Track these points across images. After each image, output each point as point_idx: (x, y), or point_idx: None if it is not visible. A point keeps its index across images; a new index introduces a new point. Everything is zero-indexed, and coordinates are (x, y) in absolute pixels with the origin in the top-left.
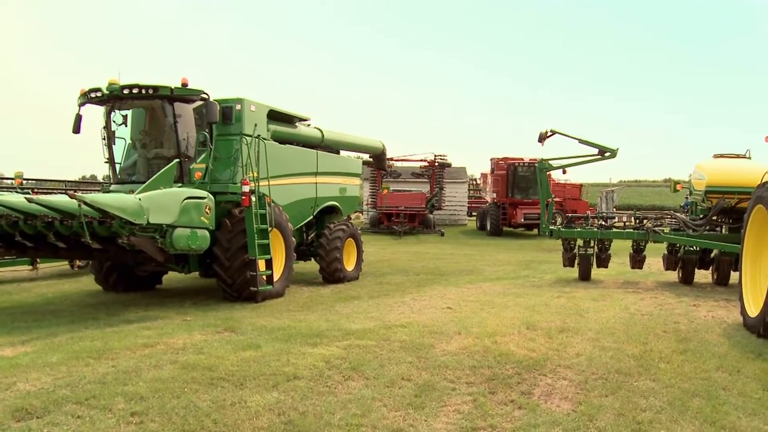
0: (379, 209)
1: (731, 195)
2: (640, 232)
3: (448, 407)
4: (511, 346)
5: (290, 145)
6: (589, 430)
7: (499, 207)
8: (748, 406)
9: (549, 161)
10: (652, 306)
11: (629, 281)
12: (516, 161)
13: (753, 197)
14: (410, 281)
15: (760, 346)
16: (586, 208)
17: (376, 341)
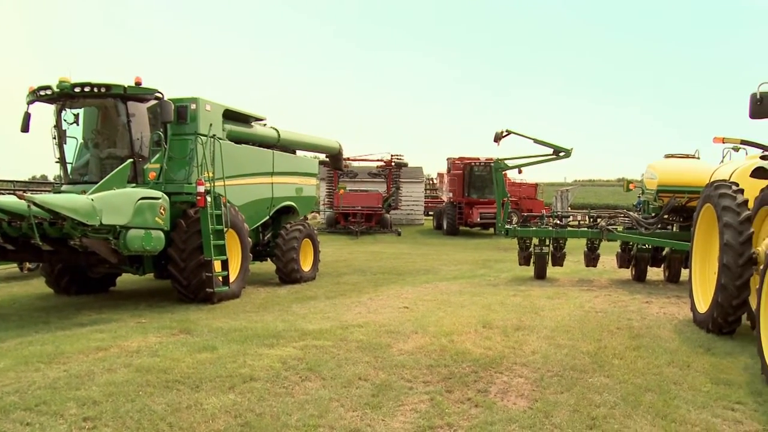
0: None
1: (681, 194)
2: (594, 231)
3: (405, 406)
4: (467, 344)
5: (246, 145)
6: (545, 427)
7: (455, 206)
8: (697, 400)
9: (505, 161)
10: (606, 303)
11: (584, 279)
12: (472, 161)
13: (702, 196)
14: (367, 281)
15: (709, 341)
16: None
17: (333, 341)
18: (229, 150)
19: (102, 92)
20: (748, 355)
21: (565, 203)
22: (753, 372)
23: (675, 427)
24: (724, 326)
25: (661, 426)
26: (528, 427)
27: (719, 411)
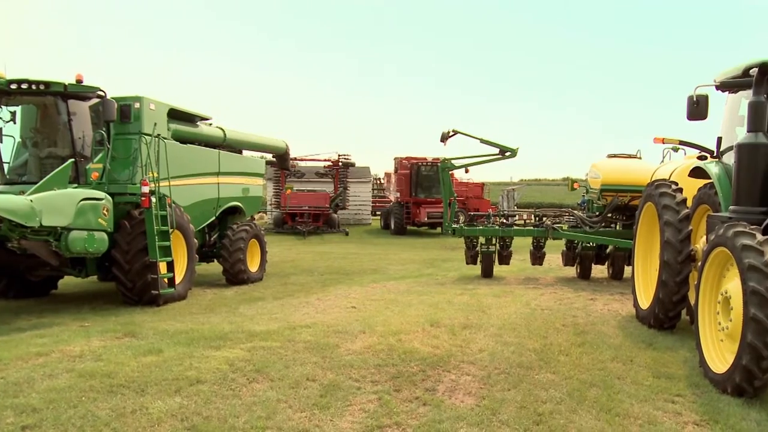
0: (282, 209)
1: (624, 193)
2: (540, 230)
3: (353, 406)
4: (415, 343)
5: (192, 145)
6: (492, 424)
7: (402, 206)
8: (640, 393)
9: (451, 161)
10: (552, 301)
11: (530, 277)
12: (419, 161)
13: (643, 195)
14: (315, 281)
15: (651, 337)
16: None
17: (281, 342)
18: (174, 150)
19: (40, 89)
20: (687, 349)
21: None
22: (692, 365)
23: (619, 421)
24: (665, 321)
25: (605, 420)
26: (475, 425)
27: (660, 404)
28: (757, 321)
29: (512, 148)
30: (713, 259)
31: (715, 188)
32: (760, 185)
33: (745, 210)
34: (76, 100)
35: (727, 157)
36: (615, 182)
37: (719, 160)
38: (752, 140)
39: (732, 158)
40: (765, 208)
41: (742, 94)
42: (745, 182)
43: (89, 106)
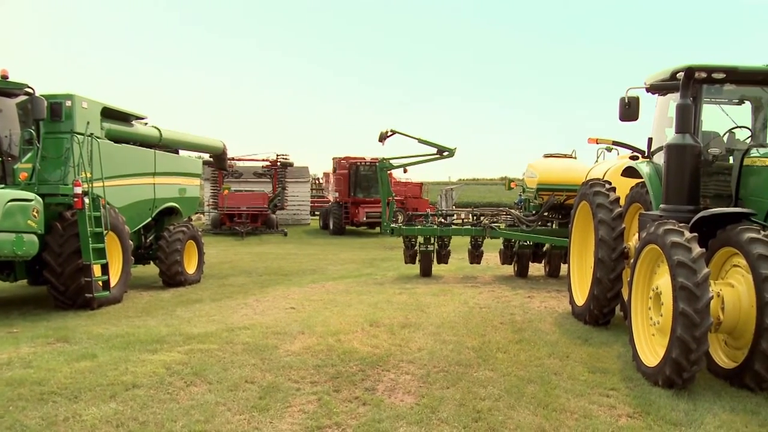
0: (220, 210)
1: (560, 192)
2: (478, 229)
3: (293, 408)
4: (354, 343)
5: (126, 145)
6: (432, 422)
7: (341, 206)
8: (576, 388)
9: (390, 160)
10: (490, 299)
11: (468, 276)
12: (358, 160)
13: (578, 194)
14: (253, 282)
15: (586, 333)
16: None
17: (219, 344)
18: (108, 149)
19: None
20: (621, 344)
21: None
22: (625, 360)
23: (555, 416)
24: (600, 318)
25: (542, 415)
26: (415, 423)
27: (596, 398)
28: (685, 315)
29: (450, 148)
30: (645, 256)
31: (647, 187)
32: (688, 184)
33: (674, 208)
34: (2, 96)
35: (658, 157)
36: (551, 182)
37: (650, 160)
38: (680, 141)
39: (662, 158)
40: (693, 207)
41: (671, 97)
42: (673, 181)
43: (17, 103)
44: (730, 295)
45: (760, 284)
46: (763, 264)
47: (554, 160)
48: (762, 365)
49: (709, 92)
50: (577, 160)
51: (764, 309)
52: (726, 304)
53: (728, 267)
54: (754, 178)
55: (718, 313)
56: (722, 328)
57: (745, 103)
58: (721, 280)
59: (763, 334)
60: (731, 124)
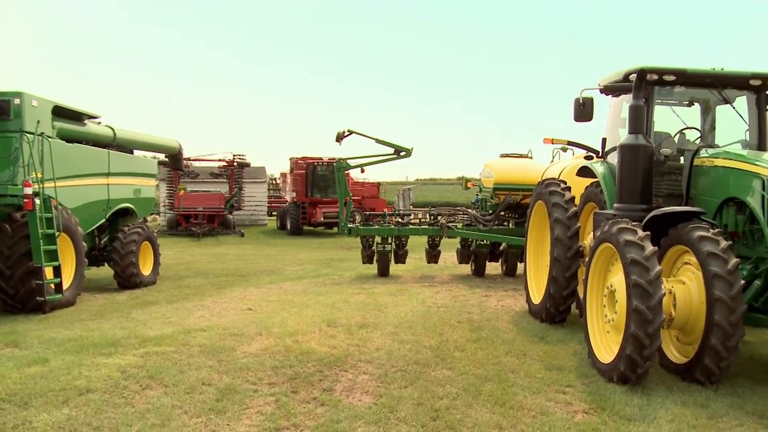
0: (176, 210)
1: (516, 192)
2: (435, 228)
3: (250, 409)
4: (312, 344)
5: (79, 144)
6: (390, 422)
7: (298, 206)
8: (533, 386)
9: (347, 160)
10: (448, 298)
11: (426, 275)
12: (315, 161)
13: (534, 194)
14: (210, 283)
15: (543, 331)
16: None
17: (175, 347)
18: (60, 149)
19: None
20: (577, 342)
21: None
22: (581, 357)
23: (513, 413)
24: (556, 315)
25: (500, 413)
26: (373, 423)
27: (552, 395)
28: (638, 312)
29: (407, 148)
30: (599, 254)
31: (601, 187)
32: (641, 184)
33: (627, 207)
34: None
35: (612, 157)
36: (507, 181)
37: (604, 160)
38: (633, 141)
39: (616, 158)
40: (646, 206)
41: (624, 98)
42: (627, 181)
43: None
44: (681, 292)
45: (709, 281)
46: (712, 261)
47: (510, 160)
48: (711, 360)
49: (661, 94)
50: (533, 160)
51: (714, 305)
52: (677, 300)
53: (680, 264)
54: (703, 177)
55: (670, 310)
56: (674, 324)
57: (694, 105)
58: (673, 277)
59: (713, 329)
60: (682, 125)
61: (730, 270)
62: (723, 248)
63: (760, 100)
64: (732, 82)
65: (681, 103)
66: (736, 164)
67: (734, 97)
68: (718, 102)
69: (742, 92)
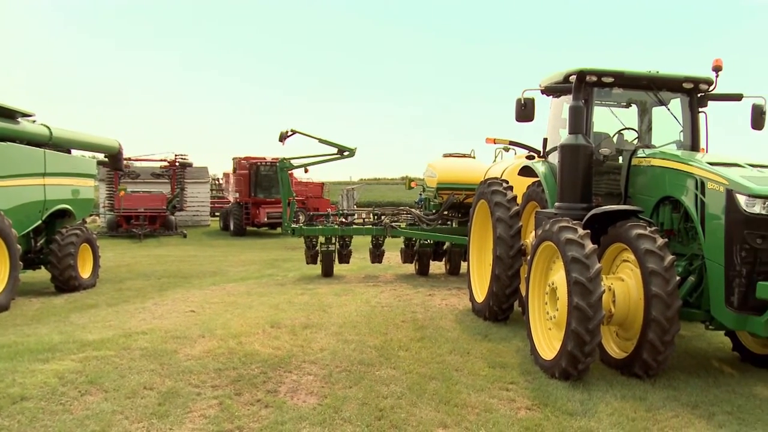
0: (116, 212)
1: (459, 191)
2: (379, 228)
3: (193, 413)
4: (256, 345)
5: (12, 143)
6: (335, 422)
7: (242, 206)
8: (476, 383)
9: (290, 160)
10: (392, 298)
11: (370, 275)
12: (258, 160)
13: (477, 193)
14: (152, 286)
15: (486, 329)
16: (328, 205)
17: (116, 351)
18: None
19: None
20: (519, 339)
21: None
22: (524, 354)
23: (457, 411)
24: (499, 313)
25: (444, 411)
26: (318, 424)
27: (496, 392)
28: (579, 309)
29: (351, 148)
30: (541, 252)
31: (542, 186)
32: (581, 183)
33: (568, 206)
34: None
35: (553, 157)
36: (450, 181)
37: (545, 159)
38: (573, 141)
39: (557, 158)
40: (586, 204)
41: (564, 99)
42: (567, 180)
43: None
44: (620, 289)
45: (647, 277)
46: (649, 258)
47: (453, 160)
48: (649, 354)
49: (600, 95)
50: (476, 160)
51: (651, 301)
52: (617, 297)
53: (618, 262)
54: (641, 177)
55: (609, 306)
56: (614, 320)
57: (632, 107)
58: (612, 274)
59: (650, 324)
60: (620, 125)
61: (667, 267)
62: (659, 246)
63: (692, 102)
64: (666, 85)
65: (619, 104)
66: (671, 164)
67: (669, 99)
68: (654, 104)
69: (676, 95)
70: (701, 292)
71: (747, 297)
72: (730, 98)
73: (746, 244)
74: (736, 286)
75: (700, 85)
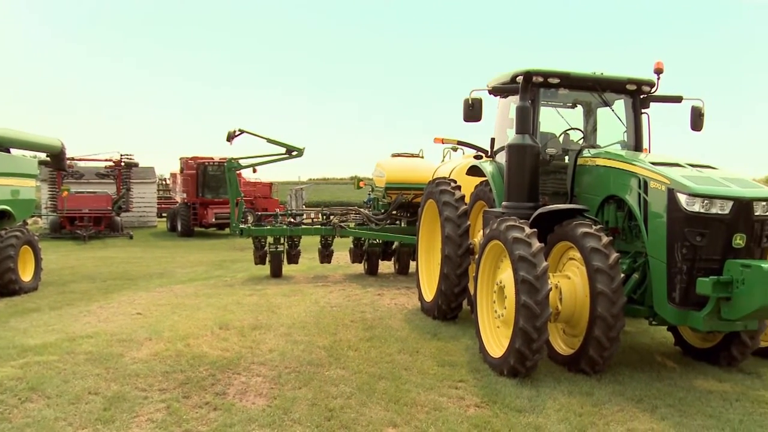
0: (59, 213)
1: (408, 191)
2: (327, 228)
3: (140, 417)
4: (204, 347)
5: None
6: (285, 424)
7: (189, 207)
8: (426, 382)
9: (238, 160)
10: (341, 298)
11: (319, 275)
12: (206, 160)
13: (425, 193)
14: (97, 288)
15: (435, 327)
16: (276, 206)
17: (59, 356)
18: None
19: None
20: (468, 337)
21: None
22: (473, 352)
23: (407, 410)
24: (448, 312)
25: (394, 410)
26: (267, 425)
27: (445, 390)
28: (527, 307)
29: (299, 148)
30: (489, 251)
31: (490, 185)
32: (528, 182)
33: (515, 205)
34: None
35: (500, 157)
36: (399, 180)
37: (493, 159)
38: (520, 141)
39: (504, 158)
40: (533, 204)
41: (511, 99)
42: (514, 180)
43: None
44: (567, 287)
45: (592, 275)
46: (595, 256)
47: (402, 160)
48: (595, 350)
49: (546, 96)
50: (424, 160)
51: (597, 298)
52: (563, 294)
53: (565, 260)
54: (586, 176)
55: (556, 304)
56: (560, 317)
57: (577, 107)
58: (559, 272)
59: (596, 321)
60: (566, 126)
61: (611, 264)
62: (604, 244)
63: (635, 103)
64: (611, 86)
65: (565, 105)
66: (615, 164)
67: (613, 100)
68: (598, 104)
69: (620, 96)
70: (645, 289)
71: (688, 293)
72: (671, 100)
73: (687, 241)
74: (677, 283)
75: (642, 87)
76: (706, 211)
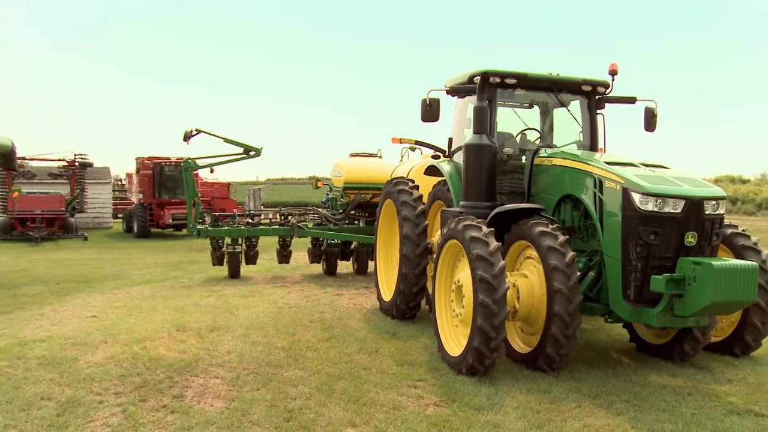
0: (10, 214)
1: (366, 191)
2: (286, 228)
3: (95, 422)
4: (161, 349)
5: None
6: (243, 425)
7: (145, 208)
8: (385, 382)
9: (195, 160)
10: (299, 298)
11: (277, 276)
12: (162, 161)
13: (383, 192)
14: (50, 291)
15: (394, 327)
16: (234, 206)
17: (10, 361)
18: None
19: None
20: (427, 337)
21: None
22: (431, 351)
23: (366, 410)
24: (407, 312)
25: (353, 410)
26: (226, 428)
27: (404, 389)
28: (484, 306)
29: (256, 148)
30: (447, 250)
31: (448, 185)
32: (485, 182)
33: (473, 205)
34: None
35: (458, 157)
36: (357, 180)
37: (451, 159)
38: (477, 141)
39: (461, 157)
40: (490, 203)
41: (469, 99)
42: (472, 179)
43: None
44: (524, 285)
45: (549, 273)
46: (551, 255)
47: (360, 159)
48: (552, 348)
49: (503, 96)
50: (382, 159)
51: (554, 297)
52: (521, 293)
53: (522, 259)
54: (543, 176)
55: (514, 302)
56: (518, 316)
57: (534, 108)
58: (516, 271)
59: (553, 319)
60: (523, 126)
61: (568, 263)
62: (561, 242)
63: (591, 104)
64: (567, 87)
65: (522, 105)
66: (571, 163)
67: (569, 100)
68: (555, 105)
69: (576, 96)
70: (600, 287)
71: (642, 290)
72: (625, 101)
73: (641, 240)
74: (632, 280)
75: (597, 88)
76: (659, 209)
